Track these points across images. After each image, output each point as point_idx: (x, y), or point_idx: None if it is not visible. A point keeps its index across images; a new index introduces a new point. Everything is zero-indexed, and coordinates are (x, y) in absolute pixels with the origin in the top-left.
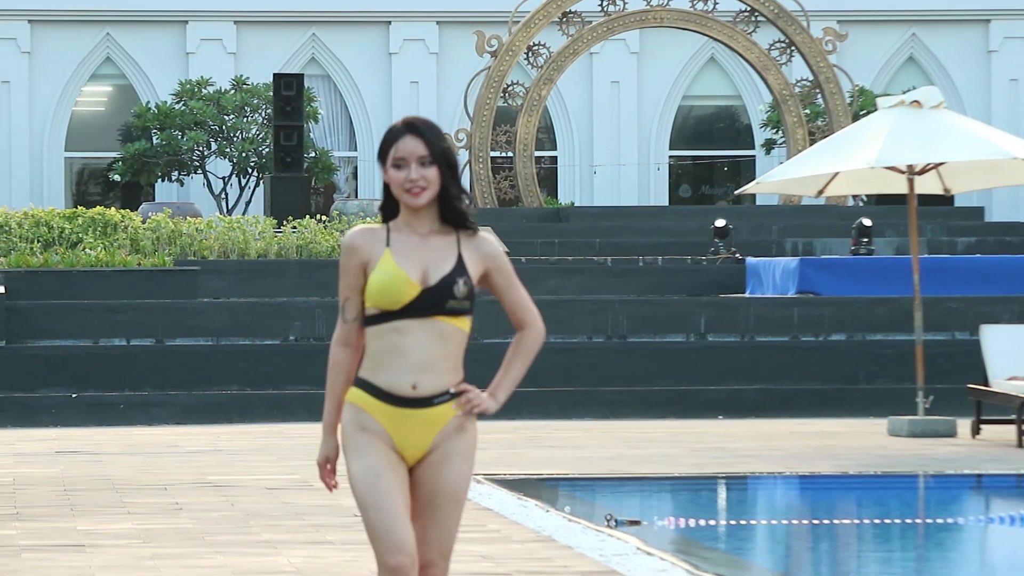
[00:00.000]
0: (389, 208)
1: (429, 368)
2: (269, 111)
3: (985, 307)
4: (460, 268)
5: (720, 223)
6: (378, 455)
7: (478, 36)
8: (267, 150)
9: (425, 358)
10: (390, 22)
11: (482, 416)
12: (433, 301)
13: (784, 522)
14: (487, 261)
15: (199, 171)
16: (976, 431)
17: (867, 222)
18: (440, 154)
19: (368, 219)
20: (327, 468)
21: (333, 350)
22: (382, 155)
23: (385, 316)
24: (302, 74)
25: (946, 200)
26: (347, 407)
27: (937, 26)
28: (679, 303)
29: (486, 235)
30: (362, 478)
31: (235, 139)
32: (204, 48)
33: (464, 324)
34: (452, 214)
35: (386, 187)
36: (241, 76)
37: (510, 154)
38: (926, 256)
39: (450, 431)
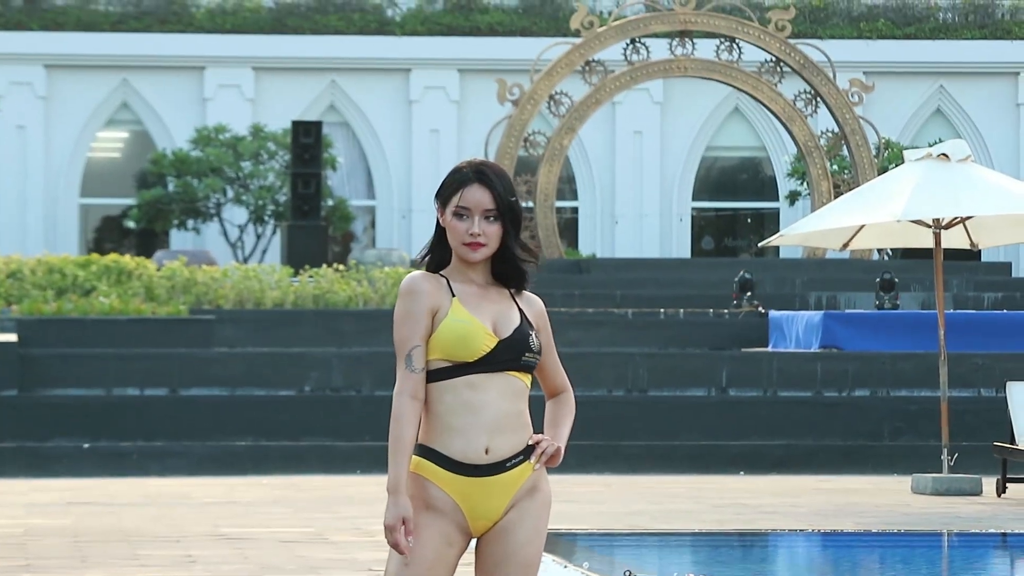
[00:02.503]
0: (439, 254)
1: (503, 427)
2: (286, 158)
3: (1012, 364)
4: (527, 322)
5: (743, 276)
6: (427, 545)
7: (499, 84)
8: (284, 198)
9: (500, 416)
10: (410, 69)
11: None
12: (511, 354)
13: None
14: (538, 319)
15: (215, 218)
16: (1002, 490)
17: (891, 276)
18: (506, 209)
19: (386, 268)
20: (403, 529)
21: (399, 402)
22: (443, 198)
23: (456, 370)
24: (320, 122)
25: (973, 255)
26: (411, 478)
27: (965, 79)
28: (701, 357)
29: (531, 294)
30: (401, 560)
31: (252, 186)
32: (221, 94)
33: (529, 381)
34: (509, 273)
35: (438, 231)
36: (259, 123)
37: (531, 204)
38: (952, 311)
39: (523, 493)
